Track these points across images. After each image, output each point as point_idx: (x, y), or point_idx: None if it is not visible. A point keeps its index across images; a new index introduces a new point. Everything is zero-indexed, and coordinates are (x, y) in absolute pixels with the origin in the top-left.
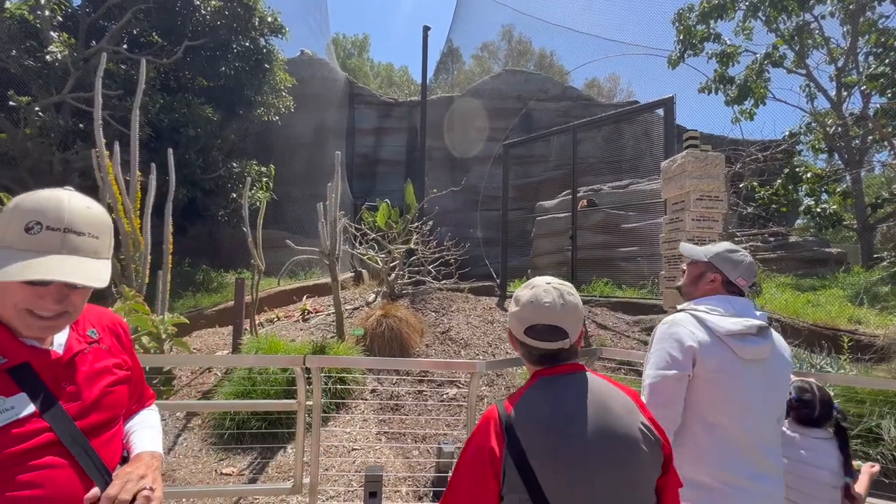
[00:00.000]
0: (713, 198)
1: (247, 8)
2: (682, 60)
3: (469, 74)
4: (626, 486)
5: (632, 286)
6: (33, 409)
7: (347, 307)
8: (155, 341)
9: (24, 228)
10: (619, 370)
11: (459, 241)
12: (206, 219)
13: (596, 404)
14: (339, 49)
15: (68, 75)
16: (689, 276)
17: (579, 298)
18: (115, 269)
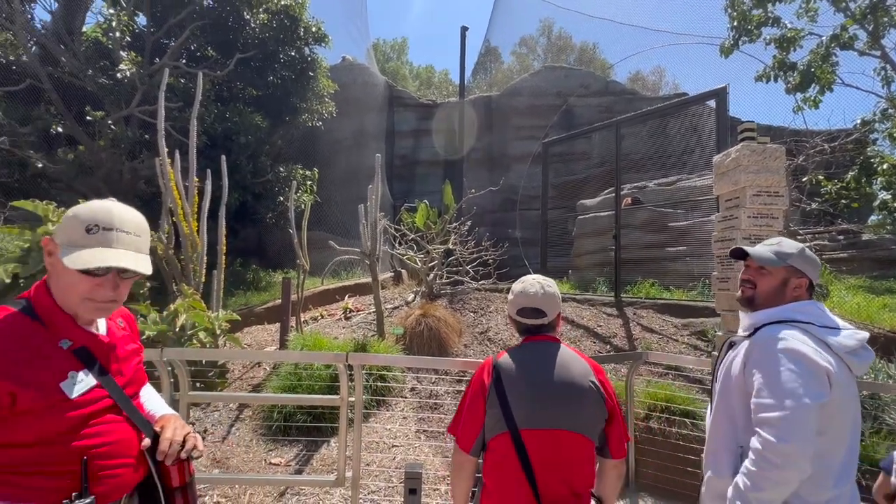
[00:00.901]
0: (772, 193)
1: (293, 19)
2: (735, 48)
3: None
4: (569, 417)
5: (680, 287)
6: (94, 381)
7: (387, 306)
8: (210, 336)
9: (86, 230)
10: (666, 375)
11: (498, 241)
12: (255, 221)
13: (559, 362)
14: (378, 53)
15: (135, 90)
16: (768, 286)
17: (557, 289)
18: (175, 268)
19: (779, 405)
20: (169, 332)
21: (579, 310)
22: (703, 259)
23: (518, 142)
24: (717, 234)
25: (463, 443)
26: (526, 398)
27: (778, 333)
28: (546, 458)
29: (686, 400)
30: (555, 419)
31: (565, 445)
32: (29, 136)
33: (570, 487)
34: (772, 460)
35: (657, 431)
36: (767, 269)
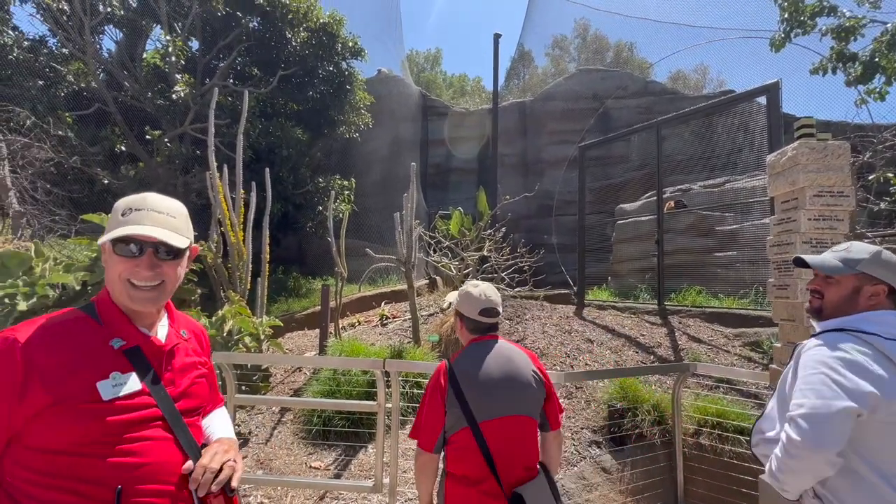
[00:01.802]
0: (836, 193)
1: (331, 36)
2: (787, 41)
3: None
4: (518, 403)
5: (730, 295)
6: (142, 386)
7: (422, 313)
8: (255, 342)
9: (121, 215)
10: (717, 388)
11: (533, 247)
12: (296, 230)
13: (504, 357)
14: (412, 64)
15: (188, 110)
16: (837, 296)
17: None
18: (223, 276)
19: (804, 405)
20: (217, 336)
21: (620, 318)
22: (755, 265)
23: (553, 146)
24: (773, 238)
25: (426, 445)
26: (481, 393)
27: (825, 341)
28: (502, 444)
29: (741, 416)
30: (507, 407)
31: (517, 428)
32: (97, 155)
33: (523, 465)
34: (789, 452)
35: (708, 448)
36: (835, 278)
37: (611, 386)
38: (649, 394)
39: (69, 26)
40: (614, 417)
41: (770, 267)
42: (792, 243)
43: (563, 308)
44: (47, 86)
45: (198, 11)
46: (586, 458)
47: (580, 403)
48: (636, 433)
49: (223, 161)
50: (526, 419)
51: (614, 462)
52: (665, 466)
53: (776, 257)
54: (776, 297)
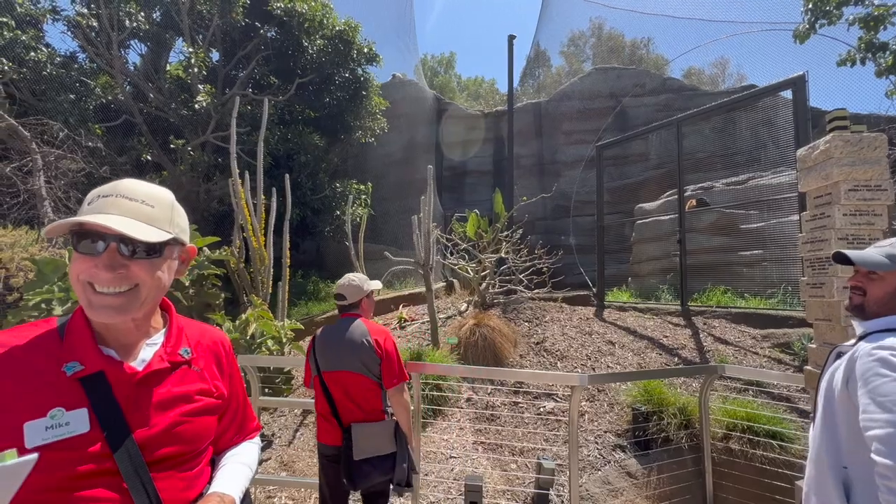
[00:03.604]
0: (873, 188)
1: (346, 43)
2: (812, 31)
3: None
4: (348, 362)
5: (757, 295)
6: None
7: (440, 316)
8: (277, 344)
9: (87, 204)
10: (745, 391)
11: (551, 248)
12: (314, 235)
13: (349, 329)
14: (426, 68)
15: (210, 119)
16: (882, 292)
17: (362, 281)
18: (245, 281)
19: (888, 420)
20: (241, 340)
21: (641, 319)
22: (783, 263)
23: (569, 147)
24: (806, 234)
25: (305, 383)
26: (324, 352)
27: (886, 342)
28: (339, 390)
29: (772, 420)
30: (339, 364)
31: (350, 380)
32: (125, 164)
33: (360, 408)
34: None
35: (738, 454)
36: (879, 274)
37: (634, 389)
38: (675, 397)
39: (98, 42)
40: (639, 421)
41: (802, 265)
42: (826, 240)
43: (583, 310)
44: (78, 99)
45: (218, 24)
46: (611, 462)
47: (603, 406)
48: (662, 437)
49: (244, 168)
50: (358, 375)
51: (639, 467)
52: (693, 472)
53: (809, 255)
54: (810, 297)
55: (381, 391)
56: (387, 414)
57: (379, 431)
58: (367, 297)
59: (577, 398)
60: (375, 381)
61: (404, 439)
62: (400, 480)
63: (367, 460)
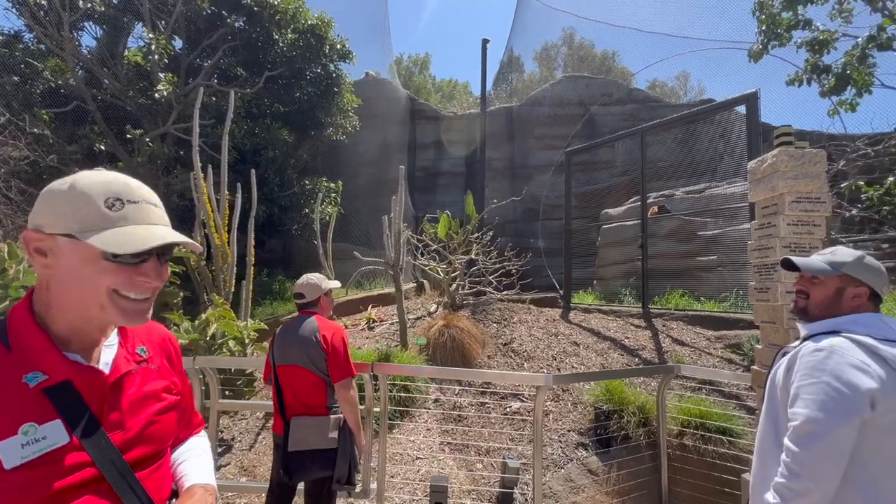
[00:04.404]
0: (813, 199)
1: (319, 38)
2: (765, 52)
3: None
4: (298, 357)
5: (711, 298)
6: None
7: (410, 317)
8: (239, 345)
9: (107, 207)
10: (699, 390)
11: (520, 251)
12: (281, 233)
13: (302, 326)
14: (401, 68)
15: (171, 109)
16: (821, 296)
17: (320, 280)
18: (206, 279)
19: (806, 416)
20: (200, 340)
21: (605, 321)
22: (735, 269)
23: (540, 151)
24: (754, 242)
25: (265, 378)
26: (279, 347)
27: (823, 345)
28: (286, 384)
29: (723, 416)
30: (289, 358)
31: (297, 375)
32: (75, 153)
33: (303, 403)
34: (793, 469)
35: (691, 449)
36: (820, 279)
37: (597, 388)
38: (635, 396)
39: (47, 21)
40: (600, 419)
41: (751, 270)
42: (772, 247)
43: (550, 311)
44: (23, 82)
45: (182, 10)
46: (573, 460)
47: (567, 406)
48: (622, 435)
49: (207, 162)
50: (304, 370)
51: (601, 464)
52: (650, 468)
53: (757, 261)
54: (757, 300)
55: (328, 388)
56: (330, 411)
57: (316, 425)
58: (325, 296)
59: (542, 398)
60: (322, 376)
61: (349, 437)
62: (340, 477)
63: (303, 453)
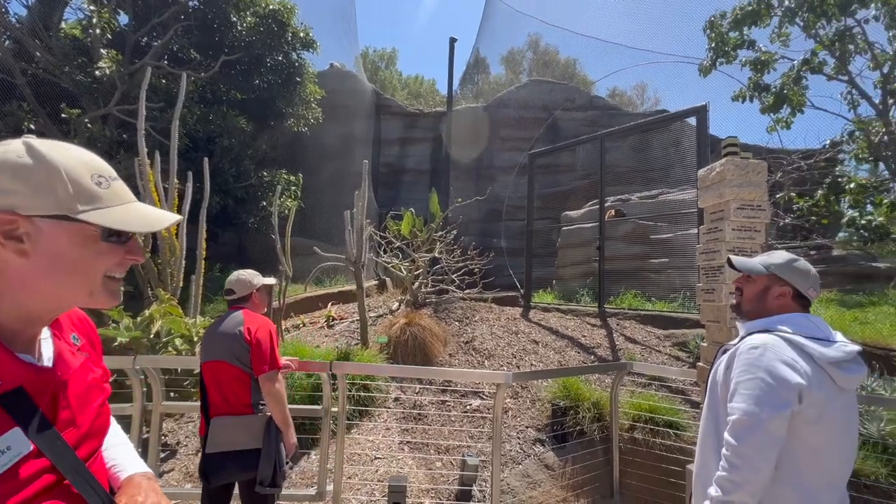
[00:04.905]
0: (755, 207)
1: (280, 24)
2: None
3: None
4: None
5: (662, 299)
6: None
7: (371, 315)
8: (187, 344)
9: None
10: (649, 385)
11: (483, 250)
12: (236, 226)
13: (227, 320)
14: (367, 62)
15: (115, 89)
16: (752, 293)
17: (251, 276)
18: (151, 273)
19: (743, 410)
20: (143, 338)
21: (563, 320)
22: (683, 271)
23: (504, 153)
24: (702, 246)
25: None
26: (204, 343)
27: (758, 342)
28: (210, 381)
29: (669, 411)
30: (214, 354)
31: (221, 370)
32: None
33: (227, 402)
34: (733, 462)
35: (641, 442)
36: (752, 278)
37: (554, 385)
38: (590, 392)
39: None
40: (557, 416)
41: (699, 272)
42: (718, 251)
43: (511, 310)
44: None
45: None
46: (531, 455)
47: (526, 403)
48: (577, 430)
49: (155, 148)
50: (227, 364)
51: (556, 459)
52: (603, 461)
53: (704, 263)
54: (704, 301)
55: (253, 383)
56: (256, 409)
57: (238, 424)
58: (257, 292)
59: (502, 395)
60: (245, 371)
61: (276, 436)
62: (263, 479)
63: (223, 454)
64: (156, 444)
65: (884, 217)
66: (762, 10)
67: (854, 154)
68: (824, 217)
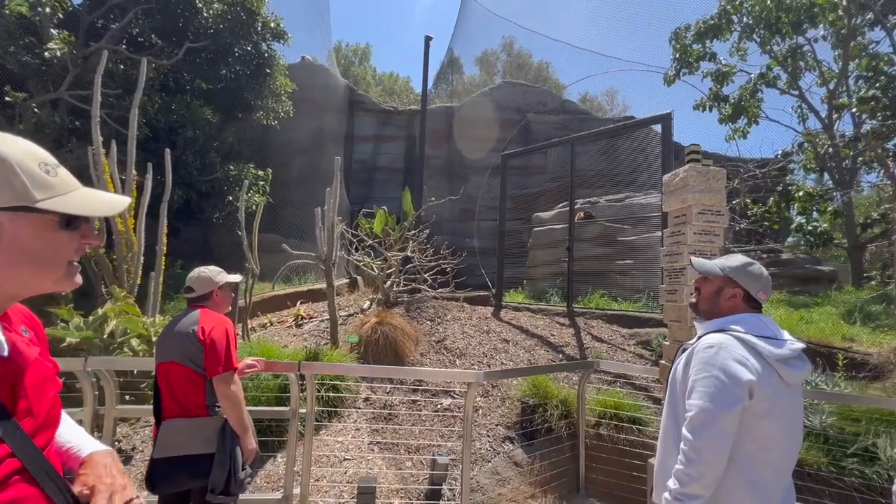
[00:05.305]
0: (715, 212)
1: (249, 13)
2: (678, 78)
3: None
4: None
5: (627, 299)
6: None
7: (342, 314)
8: (145, 344)
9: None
10: (615, 383)
11: (456, 249)
12: (200, 221)
13: (183, 320)
14: (340, 57)
15: (66, 73)
16: (707, 293)
17: (214, 273)
18: (105, 269)
19: (699, 406)
20: (95, 338)
21: (533, 319)
22: (648, 272)
23: (478, 153)
24: (666, 248)
25: None
26: (159, 344)
27: (713, 342)
28: (163, 383)
29: (633, 407)
30: (167, 354)
31: (173, 372)
32: None
33: (179, 404)
34: (690, 457)
35: (606, 438)
36: (709, 278)
37: (524, 383)
38: (558, 390)
39: None
40: (526, 413)
41: (662, 274)
42: (681, 253)
43: (482, 309)
44: None
45: None
46: (500, 453)
47: (496, 401)
48: (545, 427)
49: (111, 137)
50: (179, 365)
51: (525, 456)
52: (570, 457)
53: (668, 265)
54: (667, 301)
55: (207, 384)
56: (212, 411)
57: (190, 427)
58: (219, 290)
59: (473, 394)
60: (199, 372)
61: (232, 440)
62: (214, 487)
63: (171, 460)
64: None
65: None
66: (723, 25)
67: (802, 164)
68: (776, 223)
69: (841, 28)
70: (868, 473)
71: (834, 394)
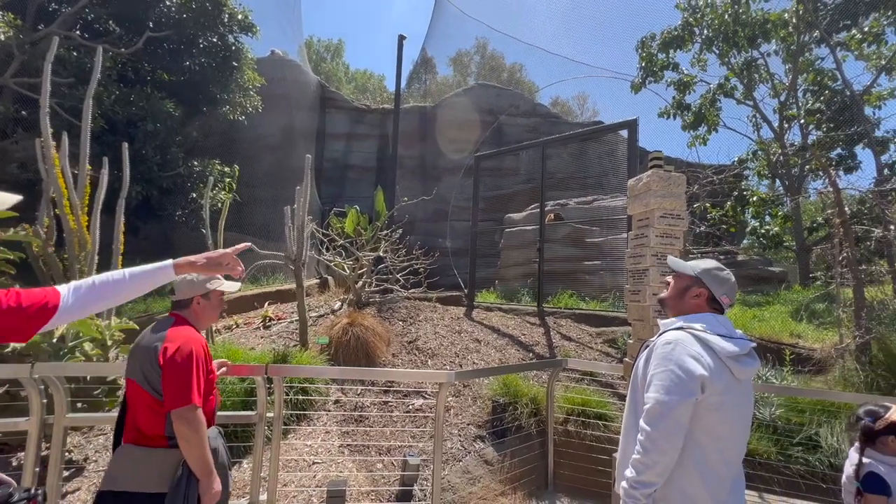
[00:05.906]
0: (675, 216)
1: (216, 3)
2: (643, 86)
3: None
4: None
5: (594, 298)
6: None
7: (312, 315)
8: (99, 348)
9: None
10: (582, 380)
11: (429, 250)
12: (161, 219)
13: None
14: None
15: (12, 58)
16: (675, 289)
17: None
18: (55, 269)
19: (655, 399)
20: (44, 343)
21: (505, 319)
22: (614, 273)
23: (450, 154)
24: (630, 250)
25: None
26: (129, 354)
27: (671, 339)
28: (128, 401)
29: (600, 403)
30: (131, 371)
31: (133, 393)
32: None
33: (137, 429)
34: (645, 446)
35: (574, 434)
36: (680, 276)
37: (495, 382)
38: (528, 388)
39: None
40: (497, 412)
41: (626, 275)
42: (644, 255)
43: (455, 309)
44: None
45: None
46: (471, 452)
47: (467, 400)
48: (516, 425)
49: (63, 128)
50: (137, 386)
51: (496, 454)
52: (539, 454)
53: (632, 267)
54: (630, 301)
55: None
56: (172, 444)
57: (146, 459)
58: (202, 298)
59: (444, 394)
60: (157, 398)
61: (190, 481)
62: None
63: (118, 494)
64: (58, 462)
65: (779, 227)
66: (686, 36)
67: (756, 171)
68: (732, 226)
69: (791, 44)
70: (811, 461)
71: (782, 387)
